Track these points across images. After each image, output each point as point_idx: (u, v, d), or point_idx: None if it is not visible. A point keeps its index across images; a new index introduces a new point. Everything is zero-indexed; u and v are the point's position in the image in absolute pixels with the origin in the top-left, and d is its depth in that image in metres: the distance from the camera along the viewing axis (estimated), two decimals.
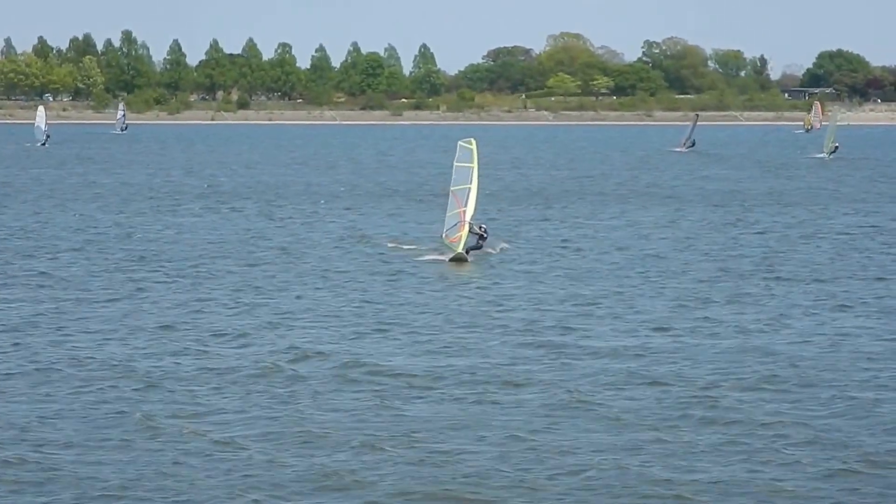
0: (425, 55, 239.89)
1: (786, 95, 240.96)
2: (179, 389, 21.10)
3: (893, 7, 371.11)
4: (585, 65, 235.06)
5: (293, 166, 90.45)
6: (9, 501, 15.82)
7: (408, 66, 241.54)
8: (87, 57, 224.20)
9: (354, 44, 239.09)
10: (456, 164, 39.10)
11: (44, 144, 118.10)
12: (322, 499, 15.94)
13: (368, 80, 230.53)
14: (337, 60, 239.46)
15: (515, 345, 24.77)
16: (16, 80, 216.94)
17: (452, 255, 36.79)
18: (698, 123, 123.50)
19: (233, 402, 20.28)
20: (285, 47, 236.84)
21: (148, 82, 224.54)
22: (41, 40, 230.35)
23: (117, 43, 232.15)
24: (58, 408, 19.93)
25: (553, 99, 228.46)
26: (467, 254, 36.98)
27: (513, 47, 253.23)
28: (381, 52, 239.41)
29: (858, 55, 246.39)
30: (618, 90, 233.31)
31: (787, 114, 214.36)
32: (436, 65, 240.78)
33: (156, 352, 24.03)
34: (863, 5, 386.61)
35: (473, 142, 38.91)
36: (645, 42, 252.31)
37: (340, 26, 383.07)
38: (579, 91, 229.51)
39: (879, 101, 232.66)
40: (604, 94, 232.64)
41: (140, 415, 19.40)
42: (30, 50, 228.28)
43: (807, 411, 19.81)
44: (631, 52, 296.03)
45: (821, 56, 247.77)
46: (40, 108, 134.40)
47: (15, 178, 74.39)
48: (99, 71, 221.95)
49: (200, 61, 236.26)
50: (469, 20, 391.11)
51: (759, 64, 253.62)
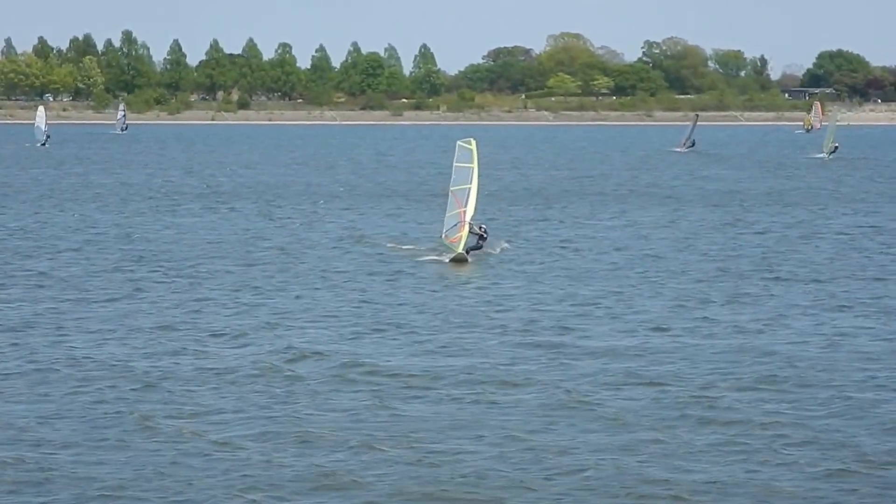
0: (425, 55, 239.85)
1: (786, 95, 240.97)
2: (178, 389, 21.10)
3: (893, 7, 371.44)
4: (585, 65, 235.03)
5: (293, 166, 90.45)
6: (7, 501, 15.82)
7: (408, 67, 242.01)
8: (88, 57, 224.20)
9: (354, 44, 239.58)
10: (456, 164, 39.09)
11: (44, 144, 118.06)
12: (320, 499, 15.94)
13: (368, 80, 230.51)
14: (337, 60, 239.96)
15: (514, 345, 24.77)
16: (16, 80, 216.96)
17: (453, 255, 36.80)
18: (698, 123, 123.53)
19: (231, 402, 20.28)
20: (285, 47, 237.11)
21: (148, 82, 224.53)
22: (41, 40, 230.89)
23: (117, 43, 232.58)
24: (56, 408, 19.93)
25: (553, 99, 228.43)
26: (467, 254, 36.98)
27: (513, 47, 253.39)
28: (382, 53, 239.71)
29: (858, 55, 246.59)
30: (618, 90, 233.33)
31: (787, 114, 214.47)
32: (436, 65, 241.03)
33: (154, 352, 24.03)
34: (863, 5, 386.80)
35: (473, 142, 38.91)
36: (645, 42, 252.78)
37: (340, 26, 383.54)
38: (579, 91, 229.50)
39: (879, 101, 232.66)
40: (604, 95, 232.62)
41: (138, 415, 19.40)
42: (30, 50, 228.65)
43: (805, 411, 19.81)
44: (631, 53, 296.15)
45: (821, 56, 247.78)
46: (40, 109, 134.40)
47: (15, 179, 74.36)
48: (99, 71, 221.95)
49: (201, 61, 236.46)
50: (469, 20, 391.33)
51: (759, 64, 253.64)
